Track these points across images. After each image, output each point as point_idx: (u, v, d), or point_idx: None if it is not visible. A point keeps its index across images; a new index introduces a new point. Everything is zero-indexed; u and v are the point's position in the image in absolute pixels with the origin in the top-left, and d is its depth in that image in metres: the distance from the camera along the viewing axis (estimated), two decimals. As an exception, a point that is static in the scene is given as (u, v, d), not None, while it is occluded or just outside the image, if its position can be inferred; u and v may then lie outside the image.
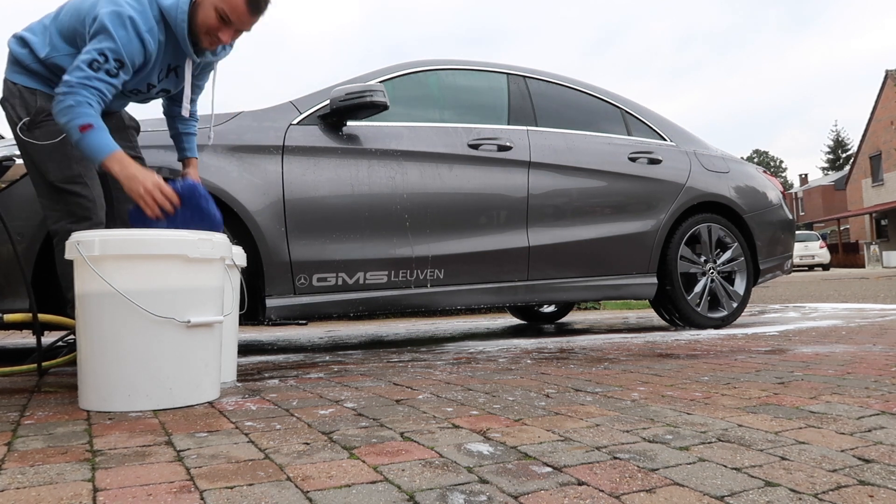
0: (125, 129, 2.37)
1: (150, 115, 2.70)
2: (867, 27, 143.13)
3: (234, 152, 2.81)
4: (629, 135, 3.87)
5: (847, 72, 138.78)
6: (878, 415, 1.45)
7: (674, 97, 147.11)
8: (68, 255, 1.73)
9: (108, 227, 2.23)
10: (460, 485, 1.02)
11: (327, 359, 2.78)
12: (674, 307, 3.79)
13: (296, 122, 3.00)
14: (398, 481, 1.04)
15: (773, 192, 4.28)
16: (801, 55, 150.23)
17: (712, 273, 3.88)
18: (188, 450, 1.26)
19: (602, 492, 0.98)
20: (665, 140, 3.97)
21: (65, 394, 1.94)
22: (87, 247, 1.67)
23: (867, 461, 1.11)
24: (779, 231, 4.22)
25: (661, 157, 3.81)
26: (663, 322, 4.11)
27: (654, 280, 3.73)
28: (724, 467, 1.09)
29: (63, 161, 2.14)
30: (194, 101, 2.42)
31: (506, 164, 3.35)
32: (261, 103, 3.03)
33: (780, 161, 74.47)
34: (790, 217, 4.37)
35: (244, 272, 2.61)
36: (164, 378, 1.68)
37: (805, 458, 1.13)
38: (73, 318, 1.89)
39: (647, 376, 2.06)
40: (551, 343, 3.25)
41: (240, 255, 2.18)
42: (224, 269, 1.88)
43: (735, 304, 3.92)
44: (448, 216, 3.19)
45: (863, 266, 30.97)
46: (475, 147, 3.29)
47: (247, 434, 1.38)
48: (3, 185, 2.48)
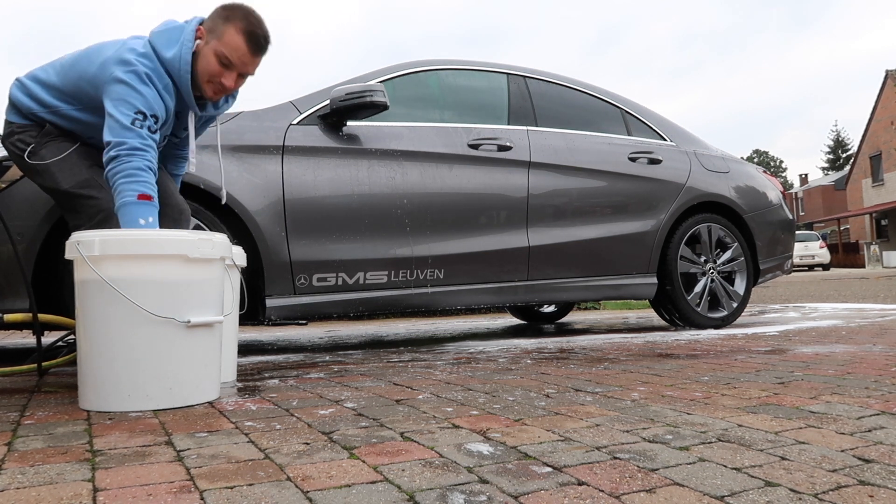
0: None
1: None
2: (868, 27, 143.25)
3: (234, 152, 2.81)
4: (629, 135, 3.87)
5: (847, 72, 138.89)
6: (878, 415, 1.45)
7: (674, 97, 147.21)
8: (68, 255, 1.73)
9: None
10: (460, 485, 1.02)
11: (327, 359, 2.78)
12: (674, 307, 3.79)
13: (296, 122, 3.00)
14: (398, 481, 1.04)
15: (773, 192, 4.28)
16: (801, 55, 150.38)
17: (712, 273, 3.88)
18: (188, 450, 1.26)
19: (602, 492, 0.98)
20: (665, 140, 3.97)
21: (65, 394, 1.94)
22: (87, 247, 1.67)
23: (867, 461, 1.11)
24: (779, 231, 4.22)
25: (661, 157, 3.81)
26: (663, 322, 4.11)
27: (654, 280, 3.73)
28: (724, 467, 1.09)
29: (74, 169, 2.13)
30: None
31: (506, 164, 3.35)
32: (261, 103, 3.03)
33: (780, 161, 74.48)
34: (790, 217, 4.37)
35: (244, 272, 2.61)
36: (164, 378, 1.68)
37: (805, 458, 1.13)
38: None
39: (647, 376, 2.06)
40: (551, 343, 3.25)
41: (240, 255, 2.18)
42: (224, 268, 1.88)
43: (735, 304, 3.92)
44: (448, 216, 3.19)
45: (863, 266, 30.97)
46: (475, 147, 3.29)
47: (247, 434, 1.38)
48: (3, 185, 2.48)
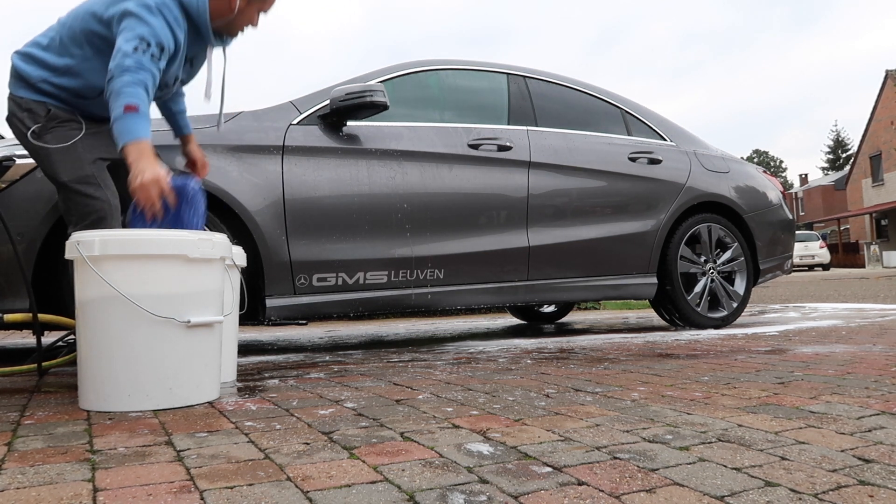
0: None
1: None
2: (869, 27, 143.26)
3: (234, 152, 2.81)
4: (629, 135, 3.87)
5: (848, 72, 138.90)
6: (878, 415, 1.45)
7: (675, 97, 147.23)
8: (68, 255, 1.73)
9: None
10: (460, 485, 1.02)
11: (327, 359, 2.78)
12: (674, 307, 3.79)
13: (296, 122, 3.00)
14: (398, 481, 1.04)
15: (773, 192, 4.28)
16: (802, 55, 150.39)
17: (712, 273, 3.88)
18: (188, 450, 1.26)
19: (602, 492, 0.98)
20: (665, 140, 3.97)
21: (65, 394, 1.94)
22: (86, 247, 1.67)
23: (867, 461, 1.11)
24: (779, 231, 4.22)
25: (661, 157, 3.81)
26: (663, 322, 4.11)
27: (654, 280, 3.73)
28: (724, 467, 1.09)
29: (76, 163, 2.12)
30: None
31: (506, 164, 3.35)
32: (261, 103, 3.03)
33: (780, 161, 74.49)
34: (790, 217, 4.37)
35: (244, 272, 2.61)
36: (165, 378, 1.68)
37: (805, 458, 1.13)
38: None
39: (647, 376, 2.06)
40: (551, 343, 3.25)
41: (240, 255, 2.18)
42: (224, 268, 1.88)
43: (735, 304, 3.92)
44: (448, 216, 3.19)
45: (863, 266, 30.97)
46: (475, 147, 3.29)
47: (247, 434, 1.38)
48: (3, 185, 2.48)
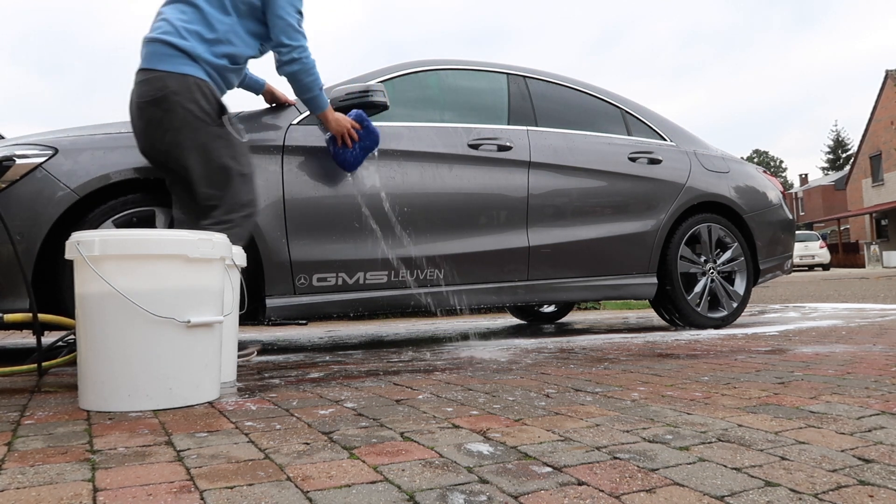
0: None
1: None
2: (870, 27, 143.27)
3: (234, 152, 2.81)
4: (629, 135, 3.87)
5: (848, 72, 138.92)
6: (878, 415, 1.45)
7: (676, 97, 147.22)
8: (68, 255, 1.73)
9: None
10: (460, 485, 1.02)
11: (327, 359, 2.78)
12: (674, 307, 3.79)
13: (296, 122, 3.00)
14: (398, 481, 1.04)
15: (773, 192, 4.28)
16: (803, 55, 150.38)
17: (712, 273, 3.88)
18: (188, 450, 1.26)
19: (602, 492, 0.98)
20: (665, 140, 3.97)
21: (65, 394, 1.94)
22: (87, 247, 1.67)
23: (867, 461, 1.11)
24: (779, 231, 4.22)
25: (661, 157, 3.81)
26: (663, 322, 4.11)
27: (654, 280, 3.73)
28: (724, 467, 1.09)
29: (246, 153, 2.45)
30: None
31: (506, 164, 3.35)
32: (261, 103, 3.04)
33: (780, 161, 74.49)
34: (790, 217, 4.36)
35: (244, 272, 2.61)
36: (165, 378, 1.68)
37: (805, 458, 1.13)
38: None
39: (647, 376, 2.06)
40: (551, 343, 3.25)
41: (240, 255, 2.18)
42: (224, 269, 1.88)
43: (735, 304, 3.92)
44: (448, 216, 3.19)
45: (863, 266, 30.98)
46: (475, 147, 3.29)
47: (247, 434, 1.38)
48: (3, 185, 2.48)
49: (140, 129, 2.35)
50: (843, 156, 61.63)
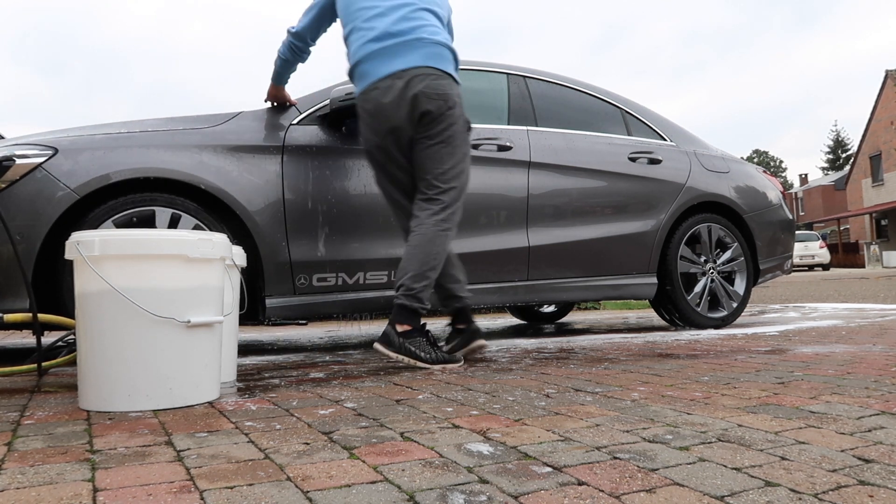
0: None
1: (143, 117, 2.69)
2: (871, 27, 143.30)
3: (234, 152, 2.81)
4: (629, 135, 3.87)
5: (848, 72, 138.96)
6: (878, 415, 1.45)
7: (676, 96, 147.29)
8: (68, 255, 1.73)
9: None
10: (460, 485, 1.02)
11: (327, 359, 2.78)
12: (674, 307, 3.79)
13: (296, 121, 3.00)
14: (398, 481, 1.04)
15: (773, 192, 4.28)
16: (804, 55, 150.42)
17: (712, 273, 3.88)
18: (188, 450, 1.26)
19: (602, 492, 0.98)
20: (665, 140, 3.97)
21: (65, 394, 1.94)
22: (86, 247, 1.67)
23: (867, 461, 1.11)
24: (779, 231, 4.22)
25: (661, 157, 3.81)
26: (663, 322, 4.11)
27: (654, 280, 3.73)
28: (724, 467, 1.09)
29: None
30: None
31: (506, 163, 3.35)
32: (261, 103, 3.04)
33: (780, 161, 74.51)
34: (790, 217, 4.36)
35: (244, 272, 2.61)
36: (165, 378, 1.68)
37: (805, 458, 1.13)
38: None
39: (647, 376, 2.06)
40: (551, 343, 3.25)
41: (240, 255, 2.18)
42: (224, 269, 1.88)
43: (735, 304, 3.92)
44: (448, 216, 3.19)
45: (863, 266, 30.99)
46: (475, 147, 3.29)
47: (247, 434, 1.38)
48: (3, 185, 2.48)
49: (413, 117, 2.51)
50: (843, 156, 61.65)
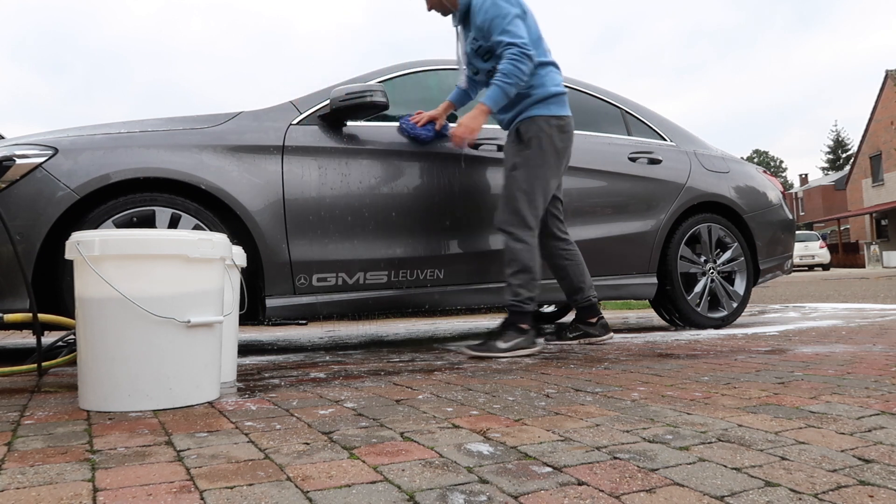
0: None
1: (143, 116, 2.70)
2: (871, 27, 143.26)
3: (234, 152, 2.81)
4: (629, 135, 3.87)
5: (848, 71, 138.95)
6: (878, 415, 1.45)
7: (677, 96, 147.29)
8: (69, 255, 1.73)
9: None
10: (460, 485, 1.02)
11: (327, 359, 2.78)
12: (674, 307, 3.79)
13: (296, 122, 3.00)
14: (398, 481, 1.04)
15: (773, 192, 4.28)
16: (804, 55, 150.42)
17: (712, 273, 3.88)
18: (188, 450, 1.26)
19: (602, 492, 0.98)
20: (665, 140, 3.97)
21: (65, 394, 1.94)
22: (87, 247, 1.67)
23: (867, 461, 1.11)
24: (779, 231, 4.21)
25: (661, 157, 3.81)
26: (663, 322, 4.11)
27: (654, 280, 3.73)
28: (724, 467, 1.09)
29: None
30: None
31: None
32: (261, 103, 3.04)
33: (781, 161, 74.51)
34: (790, 217, 4.36)
35: (244, 272, 2.61)
36: (165, 378, 1.68)
37: (805, 458, 1.13)
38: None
39: (647, 376, 2.06)
40: (551, 343, 3.25)
41: (240, 255, 2.18)
42: (224, 269, 1.88)
43: (735, 304, 3.92)
44: (448, 216, 3.19)
45: (863, 266, 30.98)
46: (475, 147, 3.28)
47: (247, 434, 1.38)
48: (3, 185, 2.48)
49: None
50: (843, 156, 61.64)
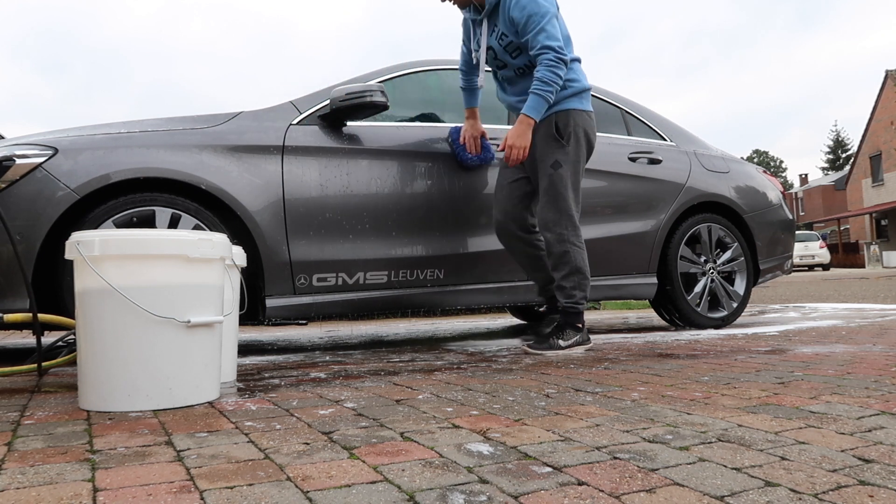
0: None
1: (142, 116, 2.70)
2: (872, 27, 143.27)
3: (234, 152, 2.81)
4: (629, 135, 3.87)
5: (849, 71, 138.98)
6: (878, 415, 1.45)
7: (678, 96, 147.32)
8: (69, 255, 1.73)
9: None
10: (460, 485, 1.02)
11: (327, 359, 2.78)
12: (674, 307, 3.79)
13: (296, 122, 3.00)
14: (398, 481, 1.04)
15: (773, 192, 4.28)
16: (804, 55, 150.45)
17: (712, 273, 3.88)
18: (188, 450, 1.26)
19: (602, 492, 0.98)
20: (665, 140, 3.97)
21: (65, 394, 1.94)
22: (86, 247, 1.67)
23: (867, 461, 1.11)
24: (779, 231, 4.21)
25: (661, 157, 3.81)
26: (663, 322, 4.11)
27: (654, 280, 3.73)
28: (724, 467, 1.09)
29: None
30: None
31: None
32: (261, 103, 3.05)
33: (781, 161, 74.50)
34: (790, 217, 4.36)
35: (244, 272, 2.61)
36: (165, 378, 1.68)
37: (805, 458, 1.13)
38: None
39: (647, 376, 2.06)
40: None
41: (240, 255, 2.18)
42: (224, 269, 1.88)
43: (735, 304, 3.92)
44: (448, 216, 3.19)
45: (863, 266, 30.98)
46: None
47: (247, 434, 1.38)
48: (3, 185, 2.48)
49: None
50: (843, 156, 61.63)
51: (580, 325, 2.86)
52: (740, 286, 3.95)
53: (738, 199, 4.00)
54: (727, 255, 3.93)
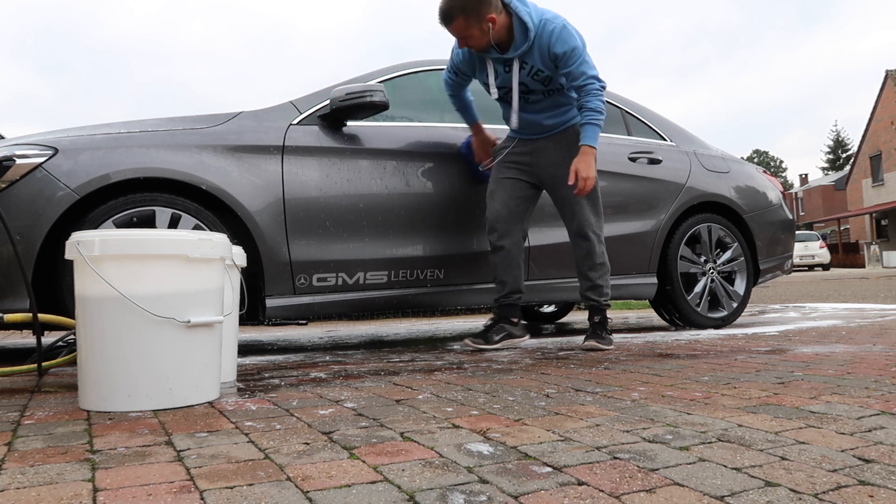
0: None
1: (144, 116, 2.70)
2: (872, 27, 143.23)
3: (234, 152, 2.81)
4: (629, 135, 3.87)
5: (849, 71, 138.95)
6: (878, 415, 1.45)
7: (679, 96, 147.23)
8: (69, 255, 1.73)
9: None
10: (460, 485, 1.02)
11: (327, 359, 2.78)
12: (674, 307, 3.79)
13: (296, 122, 3.00)
14: (398, 481, 1.04)
15: (773, 192, 4.28)
16: (805, 55, 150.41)
17: (712, 273, 3.88)
18: (188, 450, 1.26)
19: (602, 492, 0.98)
20: (665, 140, 3.97)
21: (65, 394, 1.94)
22: (87, 247, 1.67)
23: (867, 461, 1.11)
24: (779, 231, 4.21)
25: (661, 157, 3.81)
26: (663, 322, 4.11)
27: (654, 280, 3.73)
28: (724, 467, 1.09)
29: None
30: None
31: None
32: (261, 103, 3.06)
33: (781, 161, 74.50)
34: (790, 217, 4.36)
35: (244, 272, 2.61)
36: (165, 378, 1.68)
37: (805, 458, 1.13)
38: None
39: (647, 376, 2.06)
40: (551, 343, 3.25)
41: (240, 255, 2.18)
42: (224, 269, 1.88)
43: (735, 304, 3.92)
44: (448, 216, 3.19)
45: (863, 266, 30.98)
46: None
47: (247, 434, 1.38)
48: (3, 185, 2.48)
49: None
50: (843, 156, 61.63)
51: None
52: (740, 286, 3.95)
53: (739, 199, 4.00)
54: (727, 255, 3.93)
